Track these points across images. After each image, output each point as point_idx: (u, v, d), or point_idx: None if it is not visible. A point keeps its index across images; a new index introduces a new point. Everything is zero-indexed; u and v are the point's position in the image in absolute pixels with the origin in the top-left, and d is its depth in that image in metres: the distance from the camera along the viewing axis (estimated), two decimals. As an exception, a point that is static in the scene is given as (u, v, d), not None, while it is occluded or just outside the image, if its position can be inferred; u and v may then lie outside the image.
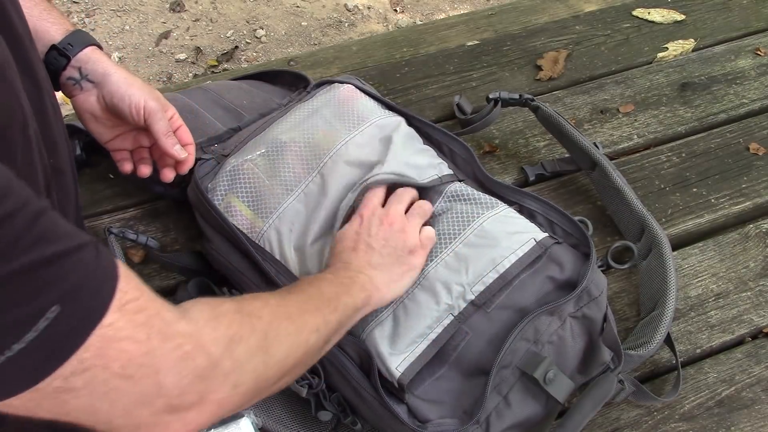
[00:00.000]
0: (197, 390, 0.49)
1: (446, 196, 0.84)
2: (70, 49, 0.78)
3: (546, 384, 0.72)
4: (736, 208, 1.01)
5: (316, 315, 0.64)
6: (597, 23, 1.29)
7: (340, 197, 0.83)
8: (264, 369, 0.55)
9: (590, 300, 0.76)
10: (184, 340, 0.49)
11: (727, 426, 0.80)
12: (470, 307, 0.75)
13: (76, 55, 0.78)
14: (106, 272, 0.44)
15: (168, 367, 0.47)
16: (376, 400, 0.72)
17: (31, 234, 0.40)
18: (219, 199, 0.86)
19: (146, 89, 0.80)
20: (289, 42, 2.38)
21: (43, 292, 0.41)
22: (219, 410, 0.52)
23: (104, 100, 0.80)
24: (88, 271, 0.43)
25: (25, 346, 0.40)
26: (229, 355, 0.52)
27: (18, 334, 0.40)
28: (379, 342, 0.74)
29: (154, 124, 0.79)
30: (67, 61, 0.78)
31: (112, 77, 0.79)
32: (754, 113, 1.14)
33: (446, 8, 2.56)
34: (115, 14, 2.43)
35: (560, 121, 0.99)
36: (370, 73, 1.18)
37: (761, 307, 0.90)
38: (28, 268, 0.40)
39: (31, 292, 0.40)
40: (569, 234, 0.83)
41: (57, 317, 0.41)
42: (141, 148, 0.87)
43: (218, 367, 0.51)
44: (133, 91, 0.78)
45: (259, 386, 0.55)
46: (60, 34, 0.79)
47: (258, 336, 0.55)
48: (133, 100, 0.78)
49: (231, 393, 0.52)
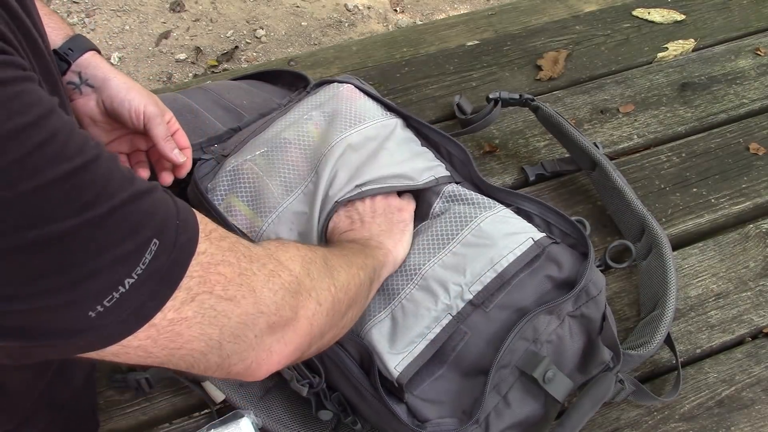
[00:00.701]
0: (290, 305, 0.53)
1: (444, 197, 0.85)
2: (70, 54, 0.79)
3: (545, 383, 0.72)
4: (736, 208, 1.01)
5: (357, 257, 0.70)
6: (597, 23, 1.29)
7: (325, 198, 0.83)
8: (335, 291, 0.60)
9: (589, 299, 0.76)
10: (267, 259, 0.53)
11: (727, 426, 0.80)
12: (469, 307, 0.75)
13: (77, 59, 0.79)
14: (185, 208, 0.47)
15: (261, 284, 0.51)
16: (376, 398, 0.72)
17: (118, 174, 0.42)
18: (219, 200, 0.86)
19: (145, 94, 0.81)
20: (289, 42, 2.38)
21: (143, 226, 0.43)
22: (311, 328, 0.56)
23: (104, 105, 0.80)
24: (170, 207, 0.46)
25: (136, 280, 0.42)
26: (306, 273, 0.57)
27: (128, 270, 0.42)
28: (378, 341, 0.74)
29: (154, 128, 0.80)
30: (68, 66, 0.79)
31: (112, 82, 0.79)
32: (754, 113, 1.14)
33: (446, 8, 2.56)
34: (115, 14, 2.43)
35: (560, 121, 0.99)
36: (370, 73, 1.18)
37: (761, 307, 0.90)
38: (126, 204, 0.42)
39: (132, 228, 0.42)
40: (567, 234, 0.83)
41: (158, 250, 0.43)
42: (138, 152, 0.88)
43: (301, 283, 0.55)
44: (133, 96, 0.79)
45: (335, 309, 0.60)
46: (60, 39, 0.79)
47: (321, 260, 0.61)
48: (133, 105, 0.79)
49: (317, 310, 0.57)
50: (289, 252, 0.57)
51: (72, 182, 0.39)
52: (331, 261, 0.63)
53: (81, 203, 0.40)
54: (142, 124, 0.80)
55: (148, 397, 0.81)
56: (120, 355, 0.45)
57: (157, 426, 0.80)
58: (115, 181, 0.42)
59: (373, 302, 0.77)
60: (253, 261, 0.51)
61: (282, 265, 0.54)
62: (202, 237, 0.47)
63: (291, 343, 0.54)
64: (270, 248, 0.56)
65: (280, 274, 0.53)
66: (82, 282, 0.40)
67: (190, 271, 0.45)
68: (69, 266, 0.40)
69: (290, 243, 0.61)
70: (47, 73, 0.53)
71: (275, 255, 0.55)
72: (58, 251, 0.39)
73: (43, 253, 0.38)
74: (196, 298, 0.46)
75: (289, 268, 0.55)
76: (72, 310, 0.41)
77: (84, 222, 0.40)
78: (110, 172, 0.42)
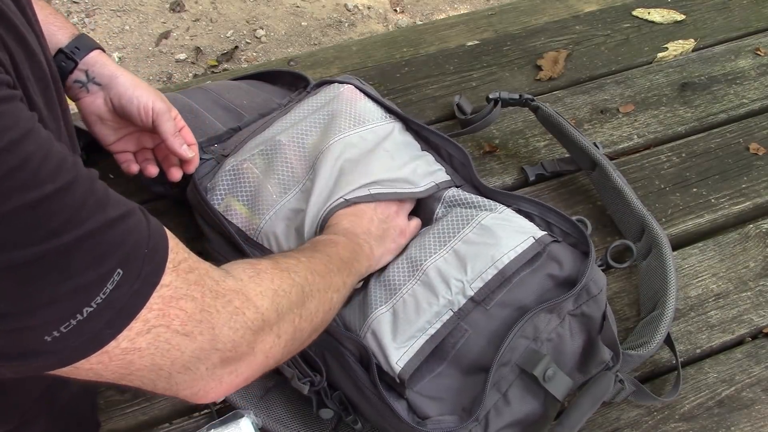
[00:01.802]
0: (248, 342, 0.52)
1: (445, 202, 0.86)
2: (77, 52, 0.79)
3: (545, 382, 0.72)
4: (736, 208, 1.01)
5: (338, 276, 0.68)
6: (597, 23, 1.29)
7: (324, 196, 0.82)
8: (299, 321, 0.59)
9: (589, 298, 0.76)
10: (234, 295, 0.52)
11: (727, 426, 0.80)
12: (470, 304, 0.76)
13: (83, 58, 0.79)
14: (157, 235, 0.47)
15: (222, 322, 0.50)
16: (376, 395, 0.72)
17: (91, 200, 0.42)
18: (218, 200, 0.87)
19: (152, 91, 0.81)
20: (289, 42, 2.38)
21: (108, 256, 0.42)
22: (266, 361, 0.56)
23: (111, 102, 0.81)
24: (142, 235, 0.45)
25: (95, 308, 0.42)
26: (274, 307, 0.55)
27: (88, 298, 0.42)
28: (379, 337, 0.74)
29: (162, 124, 0.81)
30: (75, 65, 0.79)
31: (119, 79, 0.80)
32: (754, 113, 1.14)
33: (446, 8, 2.56)
34: (115, 14, 2.43)
35: (560, 121, 0.99)
36: (370, 73, 1.18)
37: (761, 307, 0.90)
38: (93, 234, 0.42)
39: (97, 256, 0.42)
40: (567, 234, 0.83)
41: (121, 280, 0.43)
42: (144, 150, 0.88)
43: (266, 320, 0.54)
44: (141, 93, 0.80)
45: (295, 338, 0.59)
46: (66, 38, 0.80)
47: (296, 290, 0.59)
48: (141, 102, 0.79)
49: (276, 343, 0.56)
50: (262, 285, 0.56)
51: (40, 210, 0.39)
52: (310, 286, 0.62)
53: (47, 231, 0.39)
54: (150, 120, 0.80)
55: (148, 397, 0.81)
56: (71, 374, 0.45)
57: (157, 426, 0.80)
58: (87, 208, 0.42)
59: (375, 296, 0.78)
60: (219, 297, 0.50)
61: (249, 301, 0.53)
62: (169, 268, 0.46)
63: (242, 375, 0.54)
64: (243, 279, 0.55)
65: (245, 312, 0.52)
66: (40, 308, 0.40)
67: (151, 303, 0.45)
68: (29, 293, 0.39)
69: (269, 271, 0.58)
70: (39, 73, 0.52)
71: (245, 289, 0.54)
72: (19, 277, 0.39)
73: (4, 279, 0.38)
74: (152, 330, 0.45)
75: (257, 305, 0.54)
76: (28, 335, 0.41)
77: (48, 250, 0.39)
78: (83, 198, 0.42)
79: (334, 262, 0.69)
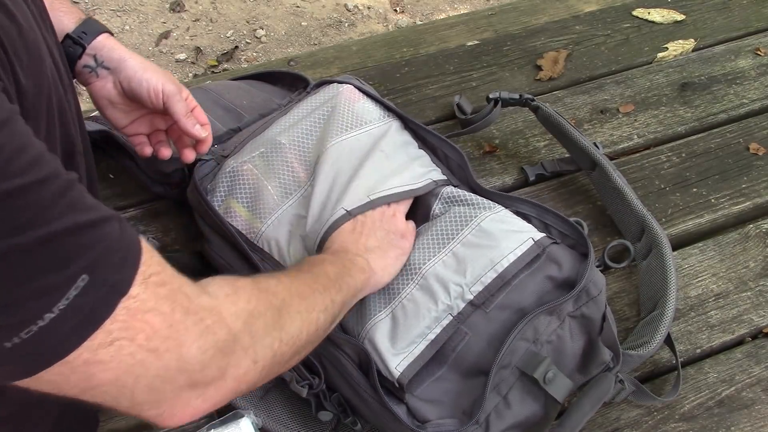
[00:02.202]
0: (218, 365, 0.50)
1: (443, 199, 0.85)
2: (84, 37, 0.79)
3: (545, 384, 0.72)
4: (736, 208, 1.01)
5: (325, 294, 0.65)
6: (597, 23, 1.29)
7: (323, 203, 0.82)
8: (279, 345, 0.56)
9: (589, 299, 0.76)
10: (206, 314, 0.49)
11: (727, 426, 0.80)
12: (469, 307, 0.75)
13: (91, 42, 0.79)
14: (130, 245, 0.45)
15: (191, 340, 0.47)
16: (376, 400, 0.72)
17: (62, 201, 0.41)
18: (219, 201, 0.86)
19: (161, 73, 0.81)
20: (289, 42, 2.38)
21: (73, 260, 0.41)
22: (238, 386, 0.53)
23: (121, 86, 0.80)
24: (113, 243, 0.43)
25: (57, 315, 0.40)
26: (249, 329, 0.52)
27: (50, 302, 0.40)
28: (379, 342, 0.74)
29: (173, 105, 0.80)
30: (83, 50, 0.79)
31: (127, 62, 0.79)
32: (754, 113, 1.14)
33: (446, 8, 2.55)
34: (115, 14, 2.43)
35: (560, 121, 0.99)
36: (370, 73, 1.18)
37: (761, 307, 0.90)
38: (60, 235, 0.40)
39: (61, 260, 0.40)
40: (566, 235, 0.83)
41: (86, 287, 0.41)
42: (158, 132, 0.87)
43: (238, 342, 0.51)
44: (150, 75, 0.79)
45: (275, 362, 0.56)
46: (73, 23, 0.79)
47: (274, 312, 0.56)
48: (151, 84, 0.79)
49: (250, 368, 0.53)
50: (237, 305, 0.53)
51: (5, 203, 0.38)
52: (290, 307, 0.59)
53: (10, 227, 0.38)
54: (161, 102, 0.80)
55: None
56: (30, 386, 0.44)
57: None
58: (56, 209, 0.40)
59: (373, 302, 0.77)
60: (190, 314, 0.48)
61: (222, 321, 0.51)
62: (138, 280, 0.44)
63: (211, 400, 0.51)
64: (219, 297, 0.52)
65: (216, 331, 0.50)
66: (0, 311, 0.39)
67: (116, 313, 0.43)
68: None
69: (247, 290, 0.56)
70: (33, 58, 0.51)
71: (219, 308, 0.51)
72: None
73: None
74: (115, 342, 0.43)
75: (229, 325, 0.51)
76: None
77: (10, 247, 0.38)
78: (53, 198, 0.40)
79: (320, 281, 0.67)
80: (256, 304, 0.55)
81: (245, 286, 0.56)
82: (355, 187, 0.82)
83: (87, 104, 0.90)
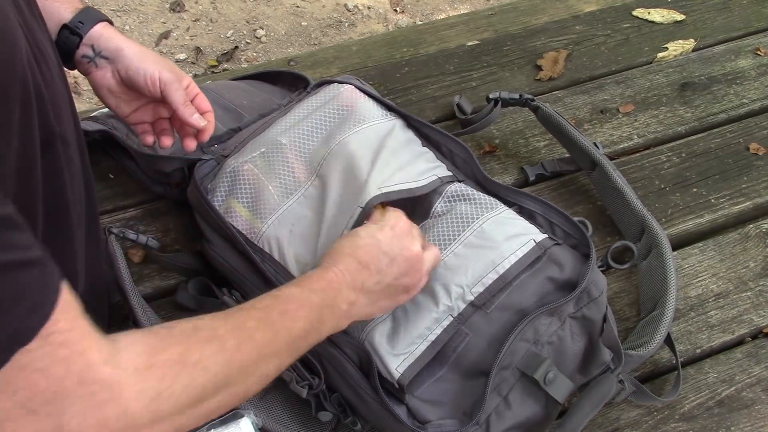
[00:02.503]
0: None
1: (446, 197, 0.84)
2: (81, 27, 0.78)
3: (546, 385, 0.72)
4: (736, 208, 1.01)
5: (273, 360, 0.60)
6: (597, 23, 1.29)
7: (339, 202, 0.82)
8: (187, 420, 0.52)
9: (590, 300, 0.76)
10: (101, 388, 0.45)
11: (727, 426, 0.80)
12: (470, 308, 0.75)
13: (88, 32, 0.78)
14: (43, 296, 0.42)
15: (73, 413, 0.44)
16: (376, 401, 0.72)
17: None
18: (219, 201, 0.86)
19: (160, 61, 0.80)
20: (289, 42, 2.38)
21: None
22: None
23: (119, 75, 0.80)
24: (25, 290, 0.41)
25: None
26: (152, 409, 0.48)
27: None
28: (379, 343, 0.74)
29: (171, 94, 0.79)
30: (80, 40, 0.78)
31: (125, 51, 0.79)
32: (754, 113, 1.14)
33: (446, 8, 2.55)
34: (115, 14, 2.43)
35: (560, 121, 0.99)
36: (370, 73, 1.18)
37: (761, 307, 0.90)
38: None
39: None
40: (569, 235, 0.83)
41: None
42: (161, 120, 0.87)
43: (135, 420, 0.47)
44: (147, 65, 0.79)
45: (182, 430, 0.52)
46: (70, 13, 0.78)
47: (194, 391, 0.51)
48: (148, 73, 0.78)
49: None
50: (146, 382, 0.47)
51: None
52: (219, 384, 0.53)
53: None
54: (158, 91, 0.79)
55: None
56: None
57: (157, 426, 0.80)
58: None
59: None
60: (83, 384, 0.44)
61: (119, 399, 0.45)
62: (41, 335, 0.41)
63: None
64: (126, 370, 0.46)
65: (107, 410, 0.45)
66: None
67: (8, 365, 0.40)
68: None
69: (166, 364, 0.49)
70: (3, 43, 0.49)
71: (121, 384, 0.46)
72: None
73: None
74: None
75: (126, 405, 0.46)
76: None
77: None
78: None
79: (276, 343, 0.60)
80: (172, 383, 0.49)
81: (166, 360, 0.49)
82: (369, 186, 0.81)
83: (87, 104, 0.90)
